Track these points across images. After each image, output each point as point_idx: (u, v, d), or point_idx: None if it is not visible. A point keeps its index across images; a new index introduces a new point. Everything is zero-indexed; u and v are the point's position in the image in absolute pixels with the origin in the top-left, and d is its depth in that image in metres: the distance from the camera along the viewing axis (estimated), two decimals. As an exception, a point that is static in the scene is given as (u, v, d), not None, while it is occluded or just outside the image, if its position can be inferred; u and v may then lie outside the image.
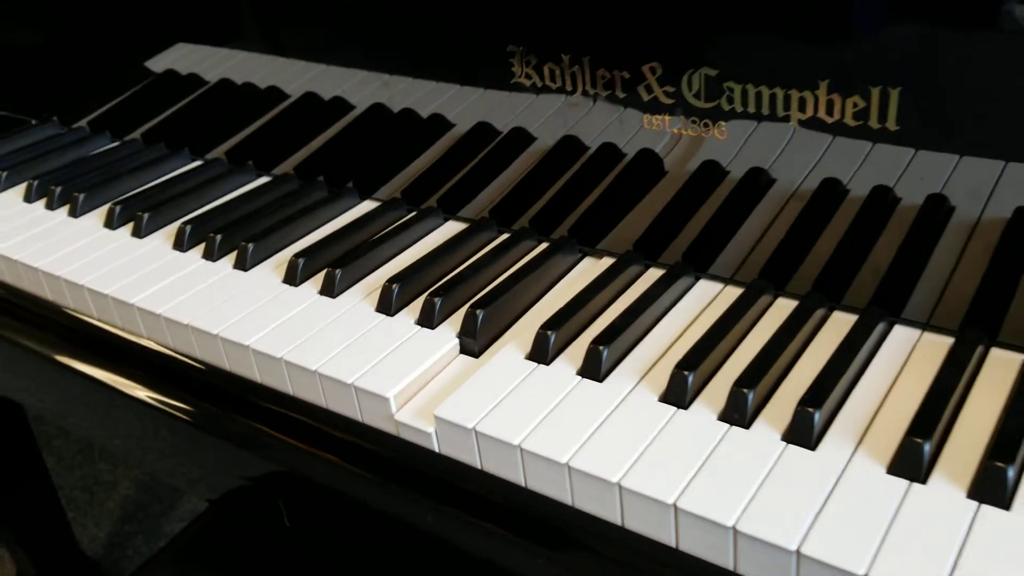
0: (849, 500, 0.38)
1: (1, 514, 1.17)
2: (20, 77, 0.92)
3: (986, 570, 0.34)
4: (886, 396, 0.44)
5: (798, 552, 0.35)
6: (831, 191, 0.48)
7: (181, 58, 0.79)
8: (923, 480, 0.38)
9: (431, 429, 0.46)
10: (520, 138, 0.59)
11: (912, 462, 0.38)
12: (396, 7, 0.61)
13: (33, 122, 0.90)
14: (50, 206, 0.73)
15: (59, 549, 1.29)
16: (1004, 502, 0.36)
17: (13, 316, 0.68)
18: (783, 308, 0.51)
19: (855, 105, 0.45)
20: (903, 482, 0.38)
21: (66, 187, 0.72)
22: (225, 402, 0.54)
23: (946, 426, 0.41)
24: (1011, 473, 0.36)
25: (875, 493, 0.38)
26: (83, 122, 0.87)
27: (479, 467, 0.45)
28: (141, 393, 0.58)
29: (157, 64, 0.81)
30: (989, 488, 0.36)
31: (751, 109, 0.48)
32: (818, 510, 0.37)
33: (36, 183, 0.74)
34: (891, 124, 0.44)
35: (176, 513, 1.52)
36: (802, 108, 0.46)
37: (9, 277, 0.68)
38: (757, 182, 0.50)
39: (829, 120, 0.46)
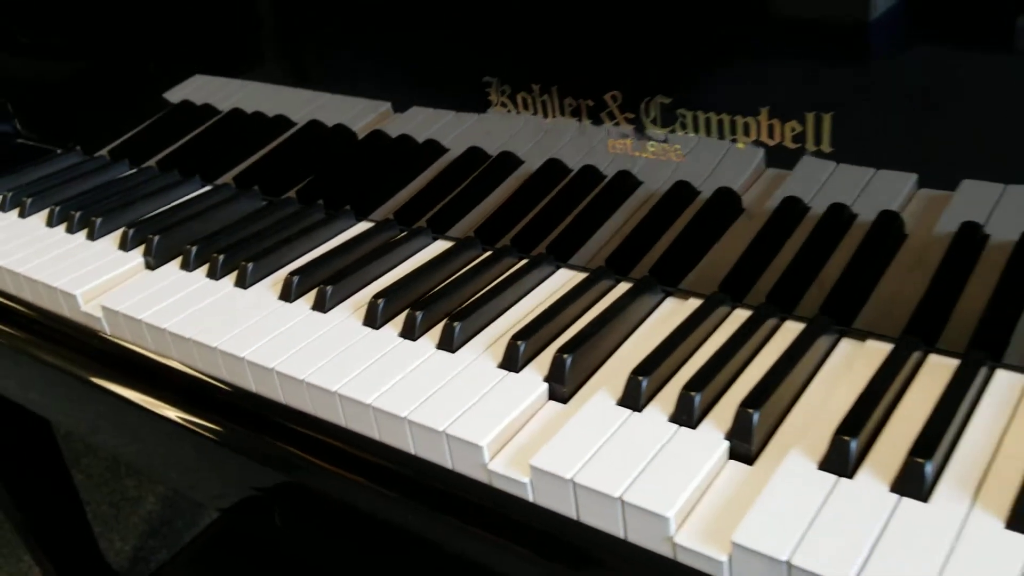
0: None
1: (29, 528, 1.22)
2: (45, 109, 0.98)
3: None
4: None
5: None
6: (793, 207, 0.52)
7: (197, 89, 0.85)
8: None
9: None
10: (507, 160, 0.63)
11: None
12: (390, 41, 0.66)
13: (58, 151, 0.96)
14: (70, 230, 0.78)
15: (85, 563, 1.34)
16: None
17: (39, 335, 0.73)
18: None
19: (793, 129, 0.48)
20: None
21: (85, 212, 0.78)
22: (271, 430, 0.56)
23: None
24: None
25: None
26: (104, 151, 0.93)
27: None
28: (171, 413, 0.63)
29: (174, 95, 0.87)
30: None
31: (702, 133, 0.52)
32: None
33: (58, 208, 0.80)
34: (825, 146, 0.48)
35: (199, 527, 1.57)
36: (747, 132, 0.50)
37: (30, 295, 0.73)
38: (723, 202, 0.54)
39: (771, 143, 0.49)
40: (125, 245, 0.73)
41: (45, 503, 1.20)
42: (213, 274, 0.67)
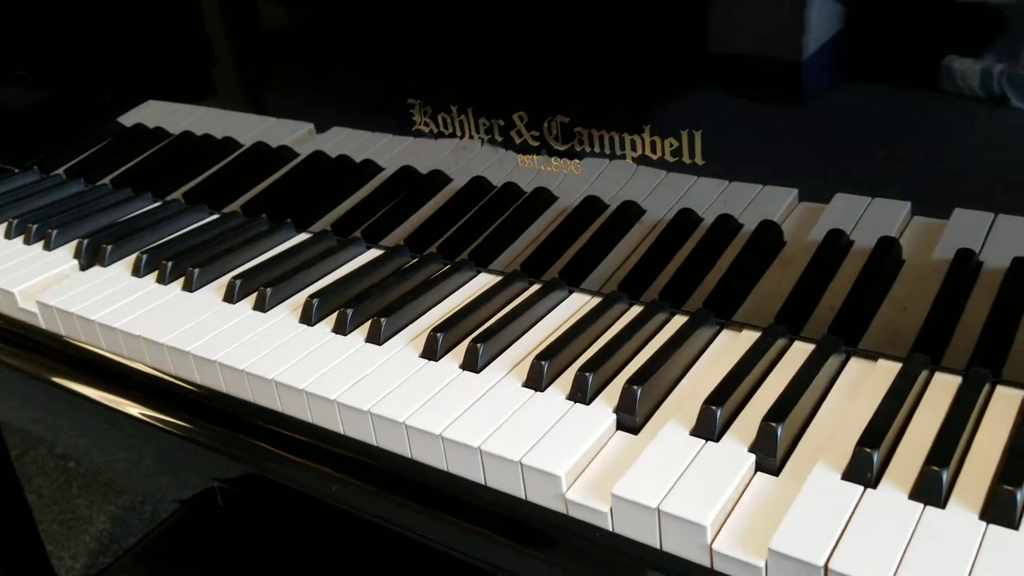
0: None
1: None
2: (4, 132, 1.04)
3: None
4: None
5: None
6: (686, 218, 0.59)
7: (150, 114, 0.91)
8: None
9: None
10: (431, 180, 0.70)
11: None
12: (327, 71, 0.73)
13: (16, 170, 1.02)
14: (27, 242, 0.84)
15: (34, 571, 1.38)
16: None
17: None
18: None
19: (671, 144, 0.56)
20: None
21: (41, 225, 0.84)
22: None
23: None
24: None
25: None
26: (60, 170, 0.99)
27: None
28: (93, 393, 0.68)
29: (128, 119, 0.93)
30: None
31: (596, 149, 0.59)
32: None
33: (16, 221, 0.86)
34: (698, 159, 0.56)
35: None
36: (634, 148, 0.58)
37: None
38: (627, 212, 0.62)
39: (654, 157, 0.57)
40: (79, 255, 0.79)
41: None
42: (162, 280, 0.73)
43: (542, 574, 0.49)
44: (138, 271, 0.75)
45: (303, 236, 0.80)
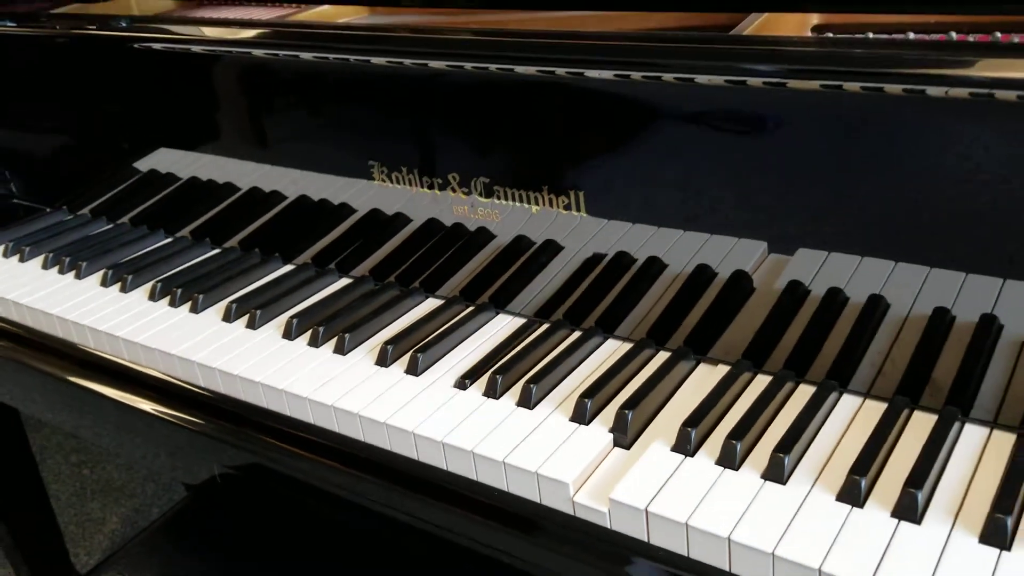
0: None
1: (5, 524, 1.43)
2: (37, 175, 1.22)
3: None
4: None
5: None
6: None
7: (161, 160, 1.09)
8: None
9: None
10: (389, 222, 0.89)
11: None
12: (307, 132, 0.91)
13: (47, 210, 1.21)
14: (61, 272, 1.02)
15: (56, 566, 1.55)
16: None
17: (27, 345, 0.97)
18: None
19: (564, 201, 0.74)
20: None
21: (73, 258, 1.02)
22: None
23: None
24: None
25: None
26: (86, 209, 1.17)
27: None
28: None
29: (143, 165, 1.11)
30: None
31: (510, 203, 0.78)
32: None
33: (51, 255, 1.04)
34: (584, 211, 0.74)
35: (157, 542, 1.79)
36: (538, 203, 0.76)
37: (31, 321, 0.97)
38: (519, 246, 0.80)
39: (551, 210, 0.75)
40: (105, 282, 0.98)
41: (18, 497, 1.41)
42: (173, 303, 0.92)
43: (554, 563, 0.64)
44: (153, 296, 0.94)
45: (288, 267, 0.98)
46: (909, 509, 0.56)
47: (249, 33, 0.94)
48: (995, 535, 0.53)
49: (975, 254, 0.60)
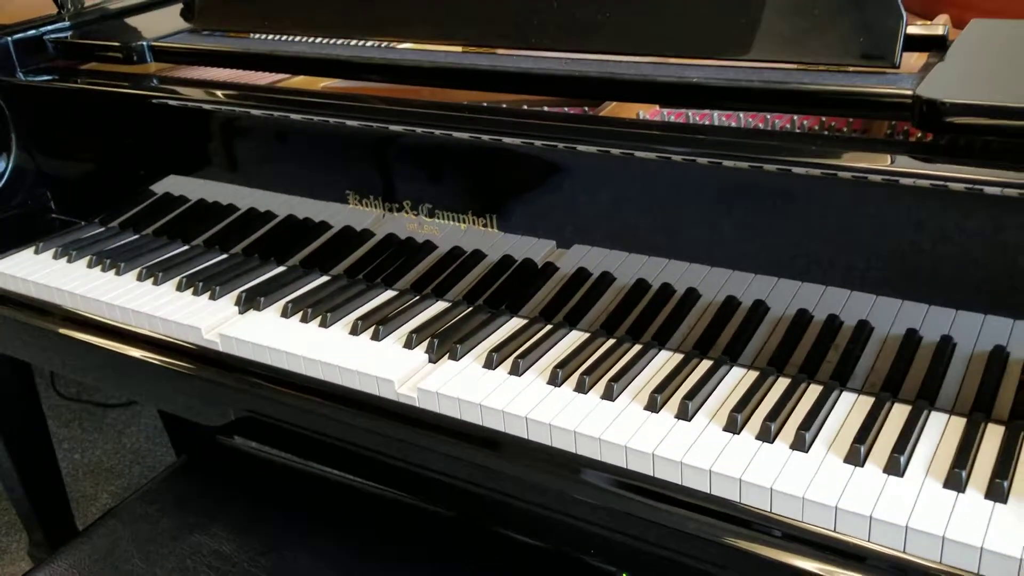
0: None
1: (22, 483, 1.73)
2: (73, 195, 1.56)
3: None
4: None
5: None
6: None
7: (173, 184, 1.43)
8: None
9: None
10: (359, 236, 1.24)
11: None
12: (299, 168, 1.26)
13: (82, 223, 1.54)
14: (104, 270, 1.36)
15: (63, 527, 1.86)
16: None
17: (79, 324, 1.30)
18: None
19: (485, 220, 1.10)
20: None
21: (113, 259, 1.36)
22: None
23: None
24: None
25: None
26: (115, 223, 1.51)
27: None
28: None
29: (159, 188, 1.45)
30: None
31: (448, 222, 1.13)
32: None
33: (94, 257, 1.38)
34: (496, 228, 1.10)
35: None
36: (468, 222, 1.12)
37: (82, 306, 1.31)
38: (475, 257, 1.15)
39: (476, 228, 1.11)
40: (141, 278, 1.32)
41: (31, 453, 1.72)
42: (195, 293, 1.26)
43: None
44: (180, 288, 1.28)
45: (281, 268, 1.33)
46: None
47: (246, 94, 1.30)
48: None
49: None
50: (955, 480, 0.81)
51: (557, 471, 0.94)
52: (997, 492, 0.79)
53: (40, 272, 1.38)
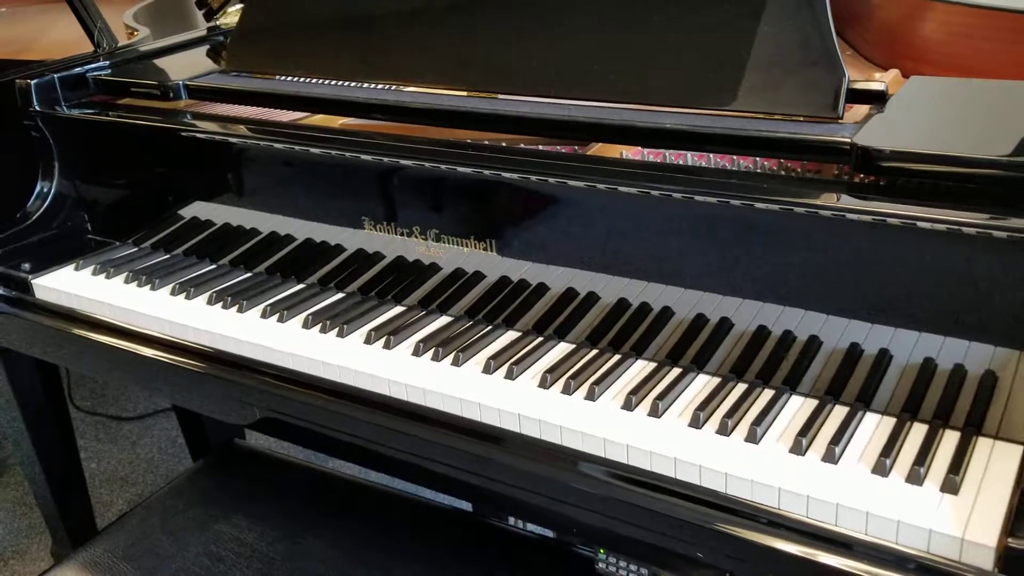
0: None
1: (48, 481, 1.86)
2: (108, 217, 1.71)
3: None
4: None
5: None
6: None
7: (199, 210, 1.59)
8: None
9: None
10: (372, 257, 1.39)
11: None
12: (318, 197, 1.42)
13: (116, 243, 1.69)
14: (139, 286, 1.51)
15: (86, 527, 2.00)
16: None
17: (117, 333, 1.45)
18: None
19: (485, 245, 1.26)
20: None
21: (148, 276, 1.51)
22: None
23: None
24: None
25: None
26: (147, 244, 1.66)
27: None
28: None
29: (186, 212, 1.61)
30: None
31: (453, 246, 1.29)
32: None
33: (130, 274, 1.53)
34: (495, 252, 1.25)
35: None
36: (470, 246, 1.27)
37: (121, 318, 1.45)
38: (474, 277, 1.30)
39: (477, 252, 1.27)
40: (174, 292, 1.47)
41: (58, 454, 1.85)
42: (224, 307, 1.41)
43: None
44: (210, 302, 1.43)
45: (300, 286, 1.48)
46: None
47: (271, 130, 1.46)
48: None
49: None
50: (880, 467, 0.96)
51: (541, 459, 1.09)
52: (915, 477, 0.94)
53: (82, 287, 1.53)
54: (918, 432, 1.01)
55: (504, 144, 1.32)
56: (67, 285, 1.54)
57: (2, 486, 2.44)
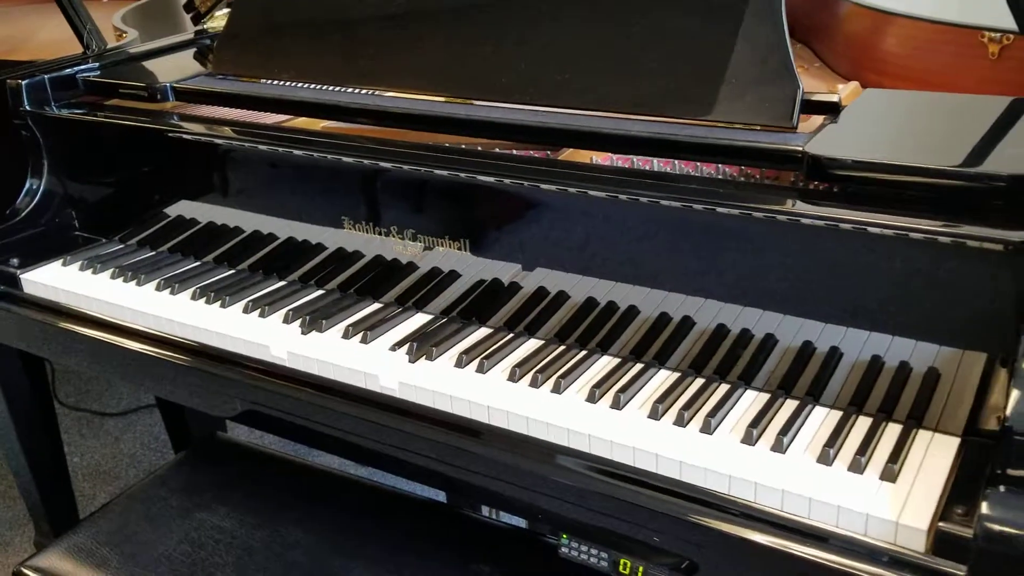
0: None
1: (32, 470, 1.90)
2: (95, 215, 1.76)
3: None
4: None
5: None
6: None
7: (184, 209, 1.64)
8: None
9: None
10: (351, 255, 1.45)
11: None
12: (299, 196, 1.47)
13: (103, 240, 1.74)
14: (125, 281, 1.56)
15: (68, 518, 2.04)
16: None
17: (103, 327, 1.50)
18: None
19: (459, 244, 1.32)
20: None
21: (133, 272, 1.56)
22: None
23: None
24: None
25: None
26: (133, 241, 1.71)
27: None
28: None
29: (172, 211, 1.66)
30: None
31: (430, 247, 1.35)
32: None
33: (116, 270, 1.58)
34: (469, 252, 1.31)
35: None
36: (446, 245, 1.33)
37: (107, 312, 1.51)
38: (450, 276, 1.36)
39: (455, 251, 1.33)
40: (159, 288, 1.52)
41: (42, 445, 1.90)
42: (208, 302, 1.46)
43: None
44: (194, 297, 1.48)
45: (282, 283, 1.54)
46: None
47: (255, 132, 1.51)
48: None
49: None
50: (825, 456, 1.02)
51: (509, 448, 1.15)
52: (856, 466, 1.00)
53: (69, 282, 1.58)
54: (862, 425, 1.08)
55: (480, 148, 1.38)
56: (55, 280, 1.59)
57: (-14, 479, 2.48)
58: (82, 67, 1.76)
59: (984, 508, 0.87)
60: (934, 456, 1.02)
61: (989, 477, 0.90)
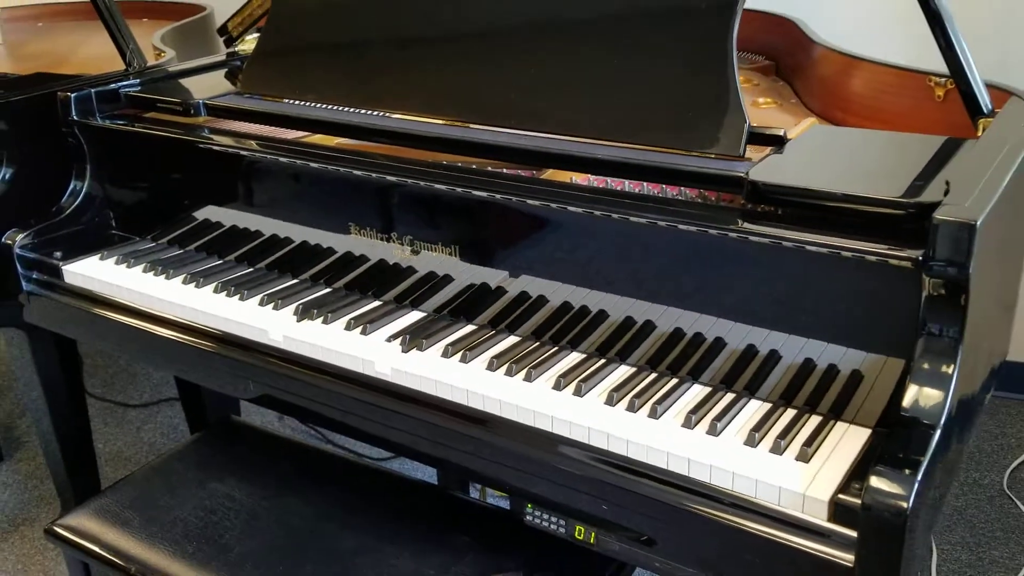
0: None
1: (61, 445, 2.09)
2: (131, 215, 1.95)
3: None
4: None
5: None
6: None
7: (211, 213, 1.83)
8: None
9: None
10: (355, 258, 1.63)
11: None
12: (312, 206, 1.66)
13: (137, 239, 1.94)
14: (155, 275, 1.75)
15: (91, 491, 2.22)
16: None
17: (137, 315, 1.69)
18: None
19: (450, 251, 1.50)
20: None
21: (163, 267, 1.75)
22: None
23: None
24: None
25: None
26: (164, 240, 1.90)
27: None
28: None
29: (199, 215, 1.85)
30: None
31: (424, 252, 1.53)
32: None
33: (148, 264, 1.77)
34: (458, 257, 1.49)
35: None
36: (440, 251, 1.51)
37: (138, 302, 1.69)
38: (442, 280, 1.54)
39: (446, 255, 1.51)
40: (186, 282, 1.71)
41: (72, 424, 2.09)
42: (228, 296, 1.65)
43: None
44: (216, 291, 1.67)
45: (294, 280, 1.72)
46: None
47: (276, 146, 1.70)
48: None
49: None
50: (751, 439, 1.19)
51: (491, 429, 1.32)
52: (777, 448, 1.17)
53: (106, 274, 1.77)
54: (788, 415, 1.24)
55: (474, 166, 1.56)
56: (93, 272, 1.79)
57: (16, 460, 2.68)
58: (125, 83, 1.96)
59: (871, 481, 1.04)
60: (846, 443, 1.19)
61: (879, 456, 1.07)
